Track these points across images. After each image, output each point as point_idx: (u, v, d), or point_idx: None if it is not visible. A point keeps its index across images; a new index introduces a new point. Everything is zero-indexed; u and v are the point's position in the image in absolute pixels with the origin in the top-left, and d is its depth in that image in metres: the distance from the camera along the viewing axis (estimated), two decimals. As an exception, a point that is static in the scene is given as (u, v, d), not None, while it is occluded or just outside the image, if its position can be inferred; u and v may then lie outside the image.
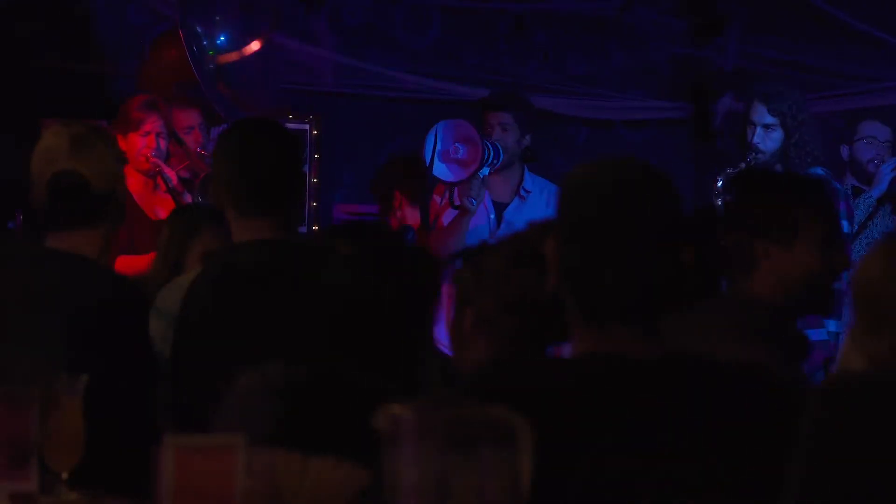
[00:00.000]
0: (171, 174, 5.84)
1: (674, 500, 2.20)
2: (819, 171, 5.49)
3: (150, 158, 5.84)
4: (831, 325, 5.15)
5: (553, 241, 2.33)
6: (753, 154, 5.49)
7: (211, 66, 6.18)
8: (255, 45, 6.18)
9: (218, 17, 6.22)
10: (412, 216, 5.89)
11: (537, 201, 6.06)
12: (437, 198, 5.87)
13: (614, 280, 2.28)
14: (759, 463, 2.26)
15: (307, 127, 7.04)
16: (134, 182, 5.82)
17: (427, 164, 5.65)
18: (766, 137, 5.49)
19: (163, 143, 5.90)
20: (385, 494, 1.80)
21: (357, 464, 2.22)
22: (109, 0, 6.90)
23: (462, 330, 2.79)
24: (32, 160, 3.56)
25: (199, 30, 6.14)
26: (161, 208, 5.83)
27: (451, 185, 5.79)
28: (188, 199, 5.88)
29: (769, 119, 5.49)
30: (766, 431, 2.27)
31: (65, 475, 2.85)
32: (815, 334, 5.04)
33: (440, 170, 5.73)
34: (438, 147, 5.70)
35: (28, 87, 6.69)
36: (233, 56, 6.19)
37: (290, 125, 6.79)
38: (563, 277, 2.32)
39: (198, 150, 6.07)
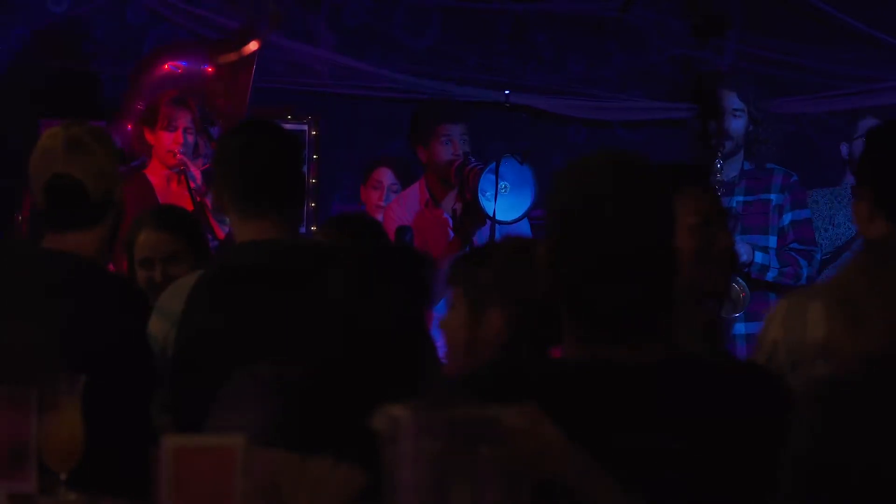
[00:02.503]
0: (196, 174, 5.79)
1: (672, 500, 2.20)
2: (775, 166, 5.76)
3: (177, 155, 5.79)
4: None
5: (545, 245, 2.32)
6: (725, 140, 5.75)
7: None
8: (253, 45, 6.17)
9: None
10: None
11: None
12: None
13: (609, 281, 2.26)
14: (757, 463, 2.26)
15: (306, 127, 7.04)
16: (158, 178, 5.81)
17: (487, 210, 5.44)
18: (734, 121, 5.78)
19: (191, 139, 5.84)
20: (385, 494, 1.81)
21: (355, 463, 2.22)
22: (108, 0, 6.90)
23: (459, 331, 2.79)
24: (30, 162, 3.56)
25: None
26: (184, 205, 5.78)
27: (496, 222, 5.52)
28: (209, 201, 5.81)
29: (737, 104, 5.79)
30: (765, 431, 2.27)
31: (64, 476, 2.84)
32: (755, 327, 5.09)
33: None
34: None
35: (28, 87, 6.69)
36: (232, 56, 6.18)
37: (290, 125, 6.79)
38: (556, 281, 2.30)
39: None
